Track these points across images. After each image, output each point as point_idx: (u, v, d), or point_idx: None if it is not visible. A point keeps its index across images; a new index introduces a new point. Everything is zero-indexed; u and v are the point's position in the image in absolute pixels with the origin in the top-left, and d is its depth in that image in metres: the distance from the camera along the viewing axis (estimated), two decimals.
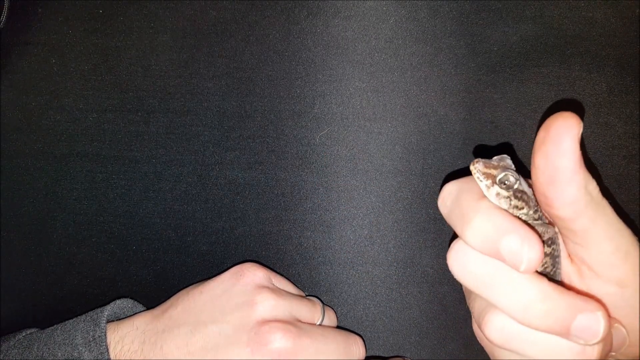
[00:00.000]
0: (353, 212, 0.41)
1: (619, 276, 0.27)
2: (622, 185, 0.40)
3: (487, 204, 0.27)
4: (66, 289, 0.43)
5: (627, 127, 0.40)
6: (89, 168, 0.42)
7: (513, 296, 0.26)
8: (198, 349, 0.34)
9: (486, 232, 0.26)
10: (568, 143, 0.24)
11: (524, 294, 0.26)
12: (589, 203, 0.26)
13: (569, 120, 0.24)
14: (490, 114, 0.40)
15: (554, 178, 0.25)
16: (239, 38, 0.42)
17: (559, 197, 0.26)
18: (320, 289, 0.41)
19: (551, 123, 0.25)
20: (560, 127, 0.25)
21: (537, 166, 0.26)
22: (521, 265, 0.25)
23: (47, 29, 0.43)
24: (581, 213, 0.26)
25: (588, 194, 0.26)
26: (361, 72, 0.41)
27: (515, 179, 0.27)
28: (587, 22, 0.40)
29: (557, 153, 0.25)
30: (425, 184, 0.41)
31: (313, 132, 0.41)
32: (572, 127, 0.24)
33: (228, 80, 0.42)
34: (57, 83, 0.43)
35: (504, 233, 0.25)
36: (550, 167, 0.25)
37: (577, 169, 0.25)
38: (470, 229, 0.26)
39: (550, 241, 0.28)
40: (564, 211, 0.26)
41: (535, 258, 0.25)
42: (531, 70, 0.40)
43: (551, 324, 0.26)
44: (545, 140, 0.25)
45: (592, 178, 0.26)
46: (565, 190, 0.25)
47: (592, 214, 0.26)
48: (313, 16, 0.41)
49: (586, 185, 0.25)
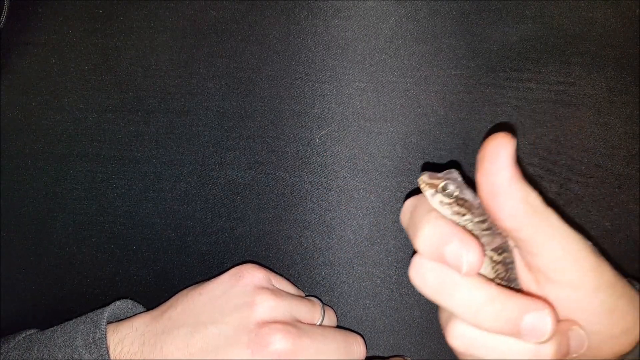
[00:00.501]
0: (353, 212, 0.41)
1: (571, 279, 0.29)
2: (622, 185, 0.40)
3: (435, 215, 0.29)
4: (66, 289, 0.43)
5: (627, 127, 0.40)
6: (89, 168, 0.42)
7: (464, 301, 0.28)
8: (198, 350, 0.34)
9: (432, 239, 0.28)
10: (503, 160, 0.27)
11: (473, 298, 0.28)
12: (531, 213, 0.28)
13: (502, 140, 0.27)
14: (490, 114, 0.40)
15: (494, 193, 0.28)
16: (239, 38, 0.42)
17: (500, 210, 0.28)
18: (320, 289, 0.41)
19: (487, 144, 0.28)
20: (495, 146, 0.27)
21: (479, 183, 0.28)
22: (462, 267, 0.27)
23: (47, 29, 0.43)
24: (524, 223, 0.28)
25: (529, 204, 0.28)
26: (361, 72, 0.41)
27: (456, 187, 0.29)
28: (587, 22, 0.40)
29: (494, 169, 0.27)
30: None
31: (313, 132, 0.41)
32: (505, 146, 0.27)
33: (228, 80, 0.42)
34: (57, 83, 0.43)
35: (447, 239, 0.28)
36: (489, 183, 0.28)
37: (513, 183, 0.27)
38: (420, 238, 0.29)
39: (500, 250, 0.30)
40: (508, 222, 0.28)
41: (474, 261, 0.27)
42: (531, 70, 0.40)
43: (502, 325, 0.28)
44: (483, 159, 0.28)
45: (532, 189, 0.28)
46: (505, 203, 0.28)
47: (536, 223, 0.28)
48: (313, 16, 0.41)
49: (526, 197, 0.28)
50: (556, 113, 0.40)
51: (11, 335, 0.38)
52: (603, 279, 0.29)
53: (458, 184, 0.30)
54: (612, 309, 0.29)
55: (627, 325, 0.30)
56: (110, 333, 0.35)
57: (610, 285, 0.29)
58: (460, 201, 0.30)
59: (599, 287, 0.29)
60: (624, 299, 0.30)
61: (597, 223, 0.40)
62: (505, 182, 0.27)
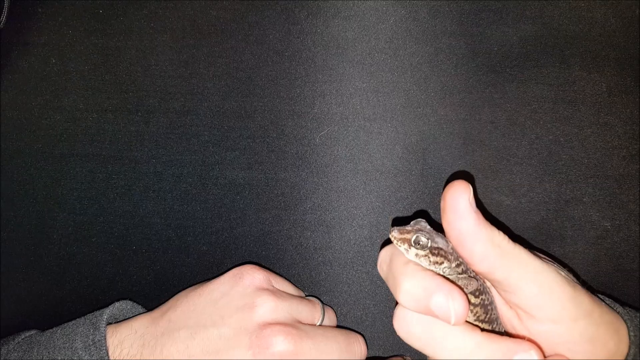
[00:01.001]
0: (353, 212, 0.41)
1: (550, 314, 0.29)
2: (622, 185, 0.40)
3: (412, 267, 0.30)
4: (66, 289, 0.43)
5: (627, 128, 0.40)
6: (89, 168, 0.42)
7: (453, 350, 0.29)
8: (199, 352, 0.34)
9: (415, 294, 0.29)
10: (463, 207, 0.28)
11: (462, 347, 0.29)
12: (499, 255, 0.28)
13: (459, 187, 0.28)
14: (490, 114, 0.40)
15: (460, 240, 0.29)
16: (239, 38, 0.42)
17: (471, 255, 0.29)
18: (320, 289, 0.41)
19: (446, 194, 0.29)
20: (453, 194, 0.28)
21: (446, 232, 0.29)
22: (451, 318, 0.28)
23: (47, 29, 0.43)
24: (495, 265, 0.29)
25: (496, 246, 0.28)
26: (361, 72, 0.41)
27: (427, 238, 0.30)
28: (587, 22, 0.40)
29: (456, 218, 0.28)
30: (425, 184, 0.41)
31: (313, 132, 0.41)
32: (463, 193, 0.28)
33: (228, 80, 0.42)
34: (57, 83, 0.43)
35: (431, 292, 0.28)
36: (455, 231, 0.29)
37: (477, 228, 0.28)
38: (402, 293, 0.29)
39: (477, 292, 0.30)
40: (480, 266, 0.29)
41: (461, 310, 0.27)
42: (531, 70, 0.40)
43: None
44: (445, 208, 0.29)
45: (497, 231, 0.29)
46: (473, 248, 0.28)
47: (507, 263, 0.29)
48: (313, 16, 0.41)
49: (492, 239, 0.28)
50: (556, 113, 0.40)
51: (11, 336, 0.38)
52: (581, 308, 0.29)
53: (428, 233, 0.30)
54: (593, 337, 0.29)
55: (609, 351, 0.30)
56: (109, 335, 0.35)
57: (588, 314, 0.29)
58: (435, 250, 0.30)
59: (578, 317, 0.29)
60: (603, 326, 0.30)
61: (596, 223, 0.40)
62: (470, 228, 0.28)
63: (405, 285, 0.29)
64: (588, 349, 0.30)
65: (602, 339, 0.30)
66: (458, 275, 0.30)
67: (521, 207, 0.40)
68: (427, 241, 0.30)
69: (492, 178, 0.40)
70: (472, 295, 0.30)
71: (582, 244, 0.40)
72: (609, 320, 0.31)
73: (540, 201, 0.40)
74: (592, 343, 0.30)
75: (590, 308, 0.30)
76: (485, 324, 0.31)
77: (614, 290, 0.39)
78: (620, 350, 0.30)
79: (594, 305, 0.30)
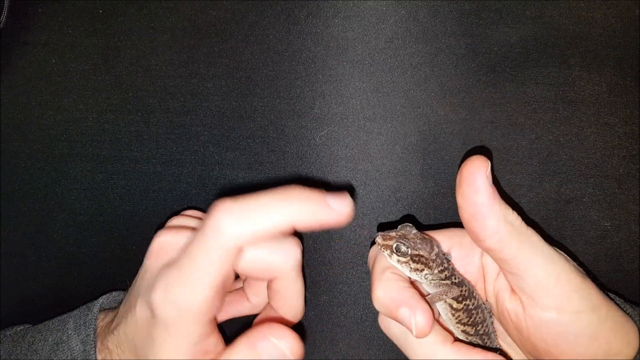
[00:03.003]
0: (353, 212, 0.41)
1: (553, 303, 0.29)
2: (622, 185, 0.40)
3: (388, 276, 0.31)
4: (66, 289, 0.43)
5: (627, 128, 0.40)
6: (89, 168, 0.42)
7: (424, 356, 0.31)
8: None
9: (385, 302, 0.30)
10: (480, 181, 0.29)
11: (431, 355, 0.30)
12: (511, 232, 0.29)
13: (477, 162, 0.29)
14: (490, 114, 0.40)
15: (474, 214, 0.29)
16: (239, 38, 0.42)
17: (481, 230, 0.29)
18: (320, 289, 0.41)
19: (463, 167, 0.29)
20: (471, 169, 0.29)
21: (460, 206, 0.30)
22: (412, 331, 0.29)
23: (47, 29, 0.43)
24: (506, 242, 0.29)
25: (509, 223, 0.29)
26: (361, 72, 0.41)
27: (407, 247, 0.31)
28: (587, 22, 0.40)
29: (472, 191, 0.29)
30: (425, 184, 0.41)
31: (313, 132, 0.41)
32: (481, 167, 0.29)
33: (228, 80, 0.42)
34: (57, 83, 0.43)
35: (398, 305, 0.29)
36: (469, 205, 0.29)
37: (492, 202, 0.29)
38: (374, 299, 0.31)
39: (460, 298, 0.32)
40: (490, 242, 0.29)
41: (423, 325, 0.29)
42: (531, 70, 0.40)
43: None
44: (461, 182, 0.29)
45: (511, 210, 0.30)
46: (485, 222, 0.29)
47: (517, 242, 0.29)
48: (313, 16, 0.41)
49: (505, 216, 0.29)
50: (556, 113, 0.40)
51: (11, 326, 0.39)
52: (586, 301, 0.29)
53: (411, 240, 0.31)
54: (596, 333, 0.29)
55: (613, 351, 0.30)
56: (101, 317, 0.35)
57: (594, 309, 0.29)
58: (416, 257, 0.31)
59: (582, 310, 0.29)
60: (609, 324, 0.30)
61: (596, 223, 0.40)
62: (484, 201, 0.29)
63: (378, 292, 0.30)
64: (589, 345, 0.29)
65: (605, 337, 0.29)
66: (440, 281, 0.32)
67: (521, 207, 0.40)
68: (407, 250, 0.31)
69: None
70: (454, 301, 0.31)
71: (582, 244, 0.40)
72: (618, 319, 0.30)
73: (540, 201, 0.40)
74: (594, 339, 0.29)
75: (597, 303, 0.29)
76: (468, 327, 0.32)
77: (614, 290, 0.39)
78: (626, 352, 0.30)
79: (601, 301, 0.30)
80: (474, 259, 0.34)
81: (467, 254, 0.34)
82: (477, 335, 0.33)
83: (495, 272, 0.33)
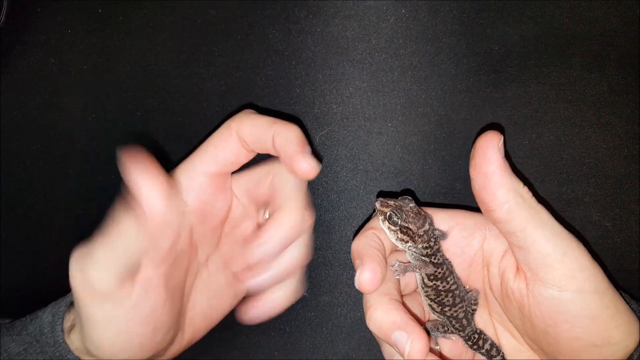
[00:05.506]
0: (353, 212, 0.41)
1: (557, 279, 0.29)
2: (622, 185, 0.40)
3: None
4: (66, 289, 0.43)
5: (628, 127, 0.40)
6: (89, 168, 0.42)
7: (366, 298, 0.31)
8: None
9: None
10: (492, 152, 0.30)
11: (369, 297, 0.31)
12: (520, 204, 0.30)
13: (490, 135, 0.30)
14: (490, 114, 0.40)
15: (485, 184, 0.30)
16: (239, 38, 0.41)
17: (491, 199, 0.30)
18: (321, 289, 0.41)
19: (477, 141, 0.30)
20: (484, 141, 0.30)
21: (472, 177, 0.31)
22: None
23: (47, 29, 0.43)
24: (514, 213, 0.30)
25: (519, 195, 0.30)
26: (361, 72, 0.41)
27: (398, 217, 0.33)
28: (587, 22, 0.40)
29: (484, 162, 0.30)
30: (425, 184, 0.41)
31: (313, 132, 0.41)
32: (493, 140, 0.30)
33: (228, 80, 0.42)
34: (57, 83, 0.43)
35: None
36: (480, 175, 0.30)
37: (503, 174, 0.30)
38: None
39: (432, 277, 0.33)
40: (499, 212, 0.30)
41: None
42: (532, 69, 0.40)
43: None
44: (474, 154, 0.30)
45: (522, 183, 0.30)
46: (495, 192, 0.30)
47: (526, 215, 0.30)
48: (313, 16, 0.41)
49: (515, 187, 0.30)
50: (557, 113, 0.40)
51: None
52: (590, 283, 0.29)
53: (405, 212, 0.33)
54: (594, 316, 0.29)
55: (612, 339, 0.30)
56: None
57: (596, 292, 0.29)
58: (404, 229, 0.33)
59: (584, 290, 0.29)
60: (610, 311, 0.29)
61: (597, 223, 0.40)
62: (496, 172, 0.29)
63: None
64: (587, 328, 0.29)
65: (604, 323, 0.29)
66: (421, 256, 0.33)
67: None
68: (397, 220, 0.33)
69: None
70: (426, 276, 0.34)
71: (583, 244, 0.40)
72: (621, 309, 0.30)
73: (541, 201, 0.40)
74: (592, 322, 0.29)
75: (602, 288, 0.29)
76: (435, 304, 0.34)
77: None
78: (626, 344, 0.30)
79: (607, 287, 0.30)
80: (473, 242, 0.34)
81: (468, 236, 0.34)
82: (444, 315, 0.34)
83: (500, 253, 0.33)
